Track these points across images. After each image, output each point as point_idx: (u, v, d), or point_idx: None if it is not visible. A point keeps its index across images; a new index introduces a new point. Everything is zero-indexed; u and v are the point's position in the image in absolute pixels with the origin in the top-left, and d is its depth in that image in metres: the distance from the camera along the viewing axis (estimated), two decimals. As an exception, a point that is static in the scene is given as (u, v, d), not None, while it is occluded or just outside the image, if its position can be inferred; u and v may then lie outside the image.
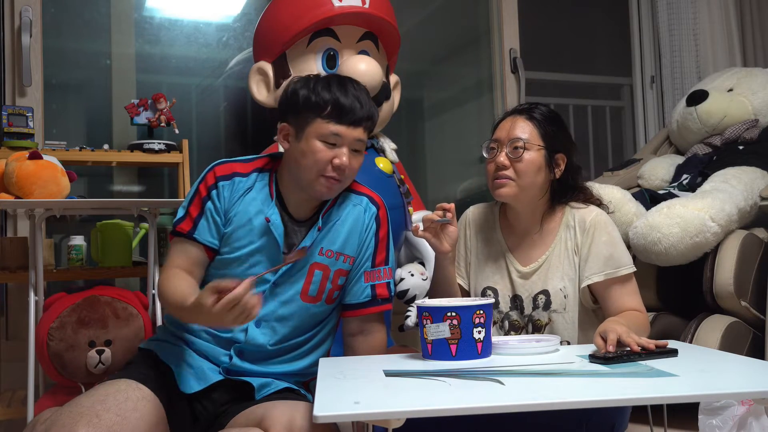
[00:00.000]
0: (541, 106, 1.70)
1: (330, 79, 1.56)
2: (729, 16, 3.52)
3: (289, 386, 1.55)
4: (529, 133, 1.64)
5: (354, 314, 1.63)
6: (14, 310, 2.51)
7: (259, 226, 1.56)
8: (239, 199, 1.57)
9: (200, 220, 1.56)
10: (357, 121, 1.52)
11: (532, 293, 1.67)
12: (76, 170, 2.18)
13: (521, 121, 1.66)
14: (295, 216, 1.59)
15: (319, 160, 1.51)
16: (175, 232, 1.57)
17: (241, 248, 1.55)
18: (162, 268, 1.60)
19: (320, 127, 1.51)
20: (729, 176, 2.41)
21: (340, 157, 1.51)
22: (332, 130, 1.50)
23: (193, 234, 1.56)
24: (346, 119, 1.51)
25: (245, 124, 3.09)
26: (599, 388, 1.16)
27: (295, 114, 1.55)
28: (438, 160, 3.52)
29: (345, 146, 1.52)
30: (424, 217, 1.62)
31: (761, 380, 1.20)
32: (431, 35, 3.56)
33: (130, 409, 1.35)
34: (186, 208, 1.58)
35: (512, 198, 1.65)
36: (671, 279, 2.33)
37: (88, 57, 2.85)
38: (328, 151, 1.51)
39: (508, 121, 1.68)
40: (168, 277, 1.52)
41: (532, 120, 1.66)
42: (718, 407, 1.67)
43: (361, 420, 1.06)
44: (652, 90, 3.82)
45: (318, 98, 1.51)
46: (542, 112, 1.68)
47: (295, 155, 1.54)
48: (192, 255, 1.56)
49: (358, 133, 1.53)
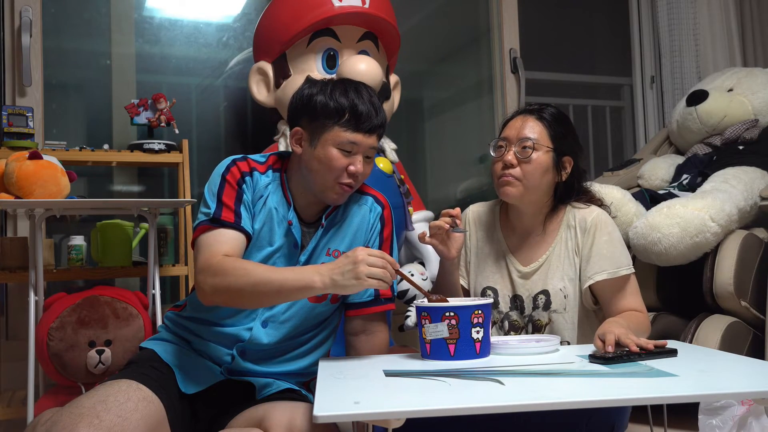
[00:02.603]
0: (551, 107, 1.70)
1: (346, 84, 1.55)
2: (729, 16, 3.52)
3: (291, 387, 1.55)
4: (538, 134, 1.63)
5: (357, 313, 1.63)
6: (14, 310, 2.51)
7: (279, 226, 1.56)
8: (260, 198, 1.56)
9: (241, 210, 1.52)
10: (373, 129, 1.52)
11: (532, 293, 1.67)
12: (76, 170, 2.18)
13: (531, 121, 1.65)
14: (302, 217, 1.59)
15: (335, 167, 1.50)
16: (219, 222, 1.49)
17: (263, 248, 1.55)
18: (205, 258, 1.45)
19: (338, 135, 1.50)
20: (729, 176, 2.41)
21: (356, 164, 1.51)
22: (350, 139, 1.50)
23: (240, 224, 1.51)
24: (363, 127, 1.50)
25: (245, 124, 3.09)
26: (599, 388, 1.16)
27: (311, 119, 1.53)
28: (438, 160, 3.52)
29: (360, 154, 1.52)
30: (432, 223, 1.61)
31: (761, 380, 1.20)
32: (431, 35, 3.56)
33: (130, 410, 1.35)
34: (219, 198, 1.51)
35: (517, 198, 1.65)
36: (671, 279, 2.33)
37: (88, 57, 2.86)
38: (343, 158, 1.51)
39: (518, 120, 1.67)
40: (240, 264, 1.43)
41: (542, 120, 1.65)
42: (718, 407, 1.67)
43: (361, 420, 1.06)
44: (652, 90, 3.82)
45: (336, 104, 1.50)
46: (552, 113, 1.67)
47: (309, 161, 1.53)
48: (238, 244, 1.49)
49: (373, 141, 1.54)
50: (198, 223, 1.52)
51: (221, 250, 1.46)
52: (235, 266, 1.42)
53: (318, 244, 1.58)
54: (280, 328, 1.56)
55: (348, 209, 1.63)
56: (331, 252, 1.59)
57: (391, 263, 1.38)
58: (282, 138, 2.45)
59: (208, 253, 1.46)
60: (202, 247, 1.48)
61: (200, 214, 1.53)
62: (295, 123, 1.57)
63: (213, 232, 1.48)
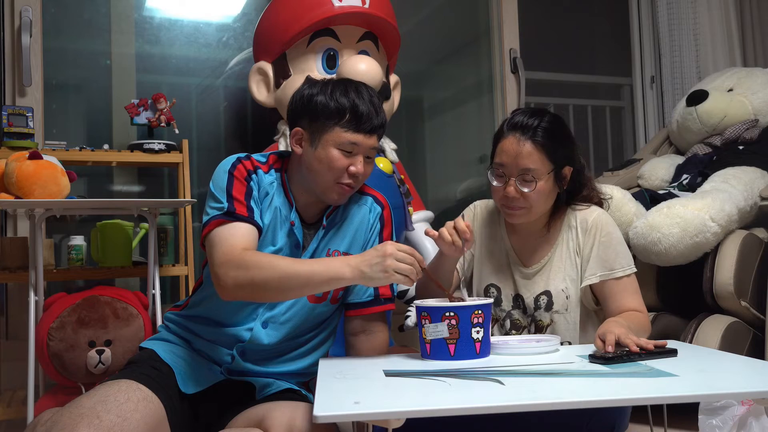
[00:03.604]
0: (542, 120, 1.60)
1: (346, 84, 1.54)
2: (729, 16, 3.52)
3: (291, 387, 1.55)
4: (537, 162, 1.57)
5: (356, 313, 1.63)
6: (14, 310, 2.52)
7: (282, 227, 1.56)
8: (266, 196, 1.56)
9: (251, 203, 1.51)
10: (373, 129, 1.52)
11: (534, 294, 1.67)
12: (76, 170, 2.18)
13: (527, 147, 1.57)
14: (303, 217, 1.59)
15: (335, 168, 1.50)
16: (233, 216, 1.47)
17: (265, 247, 1.54)
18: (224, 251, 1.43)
19: (338, 136, 1.49)
20: (729, 176, 2.41)
21: (356, 165, 1.51)
22: (350, 139, 1.50)
23: (254, 218, 1.50)
24: (363, 127, 1.50)
25: (245, 124, 3.09)
26: (599, 388, 1.16)
27: (312, 120, 1.52)
28: (438, 160, 3.52)
29: (361, 154, 1.52)
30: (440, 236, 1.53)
31: (761, 380, 1.20)
32: (431, 35, 3.56)
33: (131, 410, 1.35)
34: (229, 193, 1.49)
35: (524, 221, 1.65)
36: (671, 279, 2.33)
37: (88, 57, 2.86)
38: (344, 159, 1.50)
39: (512, 143, 1.59)
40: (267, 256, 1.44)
41: (536, 144, 1.57)
42: (718, 407, 1.67)
43: (361, 420, 1.06)
44: (652, 90, 3.82)
45: (337, 105, 1.49)
46: (545, 130, 1.58)
47: (310, 161, 1.53)
48: (253, 238, 1.48)
49: (373, 141, 1.53)
50: (211, 217, 1.48)
51: (239, 243, 1.44)
52: (258, 260, 1.41)
53: (319, 245, 1.58)
54: (280, 328, 1.56)
55: (348, 209, 1.63)
56: (331, 252, 1.59)
57: (419, 260, 1.39)
58: (282, 138, 2.45)
59: (227, 246, 1.44)
60: (219, 241, 1.45)
61: (210, 209, 1.50)
62: (295, 123, 1.57)
63: (228, 225, 1.46)
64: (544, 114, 1.62)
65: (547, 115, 1.62)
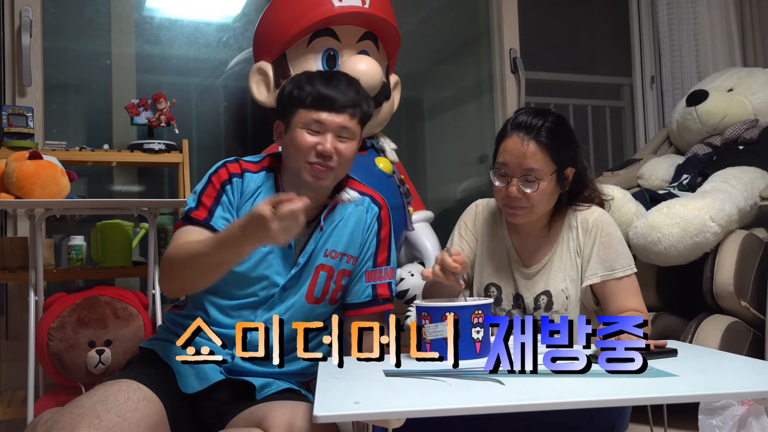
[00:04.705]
0: (546, 120, 1.58)
1: (319, 73, 1.61)
2: (729, 16, 3.52)
3: (291, 386, 1.55)
4: (540, 162, 1.56)
5: (355, 314, 1.63)
6: (14, 310, 2.52)
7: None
8: (249, 199, 1.57)
9: (216, 209, 1.55)
10: (339, 108, 1.54)
11: (534, 294, 1.67)
12: (76, 170, 2.18)
13: (531, 147, 1.56)
14: None
15: (303, 147, 1.53)
16: (189, 219, 1.53)
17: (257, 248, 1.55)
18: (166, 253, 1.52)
19: (302, 117, 1.54)
20: (729, 176, 2.41)
21: (324, 143, 1.53)
22: (313, 118, 1.53)
23: (210, 221, 1.53)
24: (326, 106, 1.53)
25: (245, 124, 3.09)
26: (599, 388, 1.16)
27: (284, 110, 1.58)
28: (438, 160, 3.52)
29: (329, 133, 1.54)
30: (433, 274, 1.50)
31: (761, 380, 1.20)
32: (431, 35, 3.56)
33: (130, 410, 1.35)
34: (198, 197, 1.56)
35: (526, 221, 1.64)
36: (671, 279, 2.33)
37: (88, 57, 2.86)
38: (311, 137, 1.53)
39: (516, 142, 1.57)
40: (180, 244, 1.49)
41: (540, 144, 1.56)
42: (718, 407, 1.67)
43: (361, 420, 1.06)
44: (652, 90, 3.82)
45: (300, 91, 1.55)
46: (549, 130, 1.57)
47: (286, 148, 1.58)
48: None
49: (342, 120, 1.54)
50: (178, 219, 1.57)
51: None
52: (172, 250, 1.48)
53: (316, 245, 1.58)
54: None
55: (345, 209, 1.63)
56: (329, 253, 1.59)
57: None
58: (282, 138, 2.45)
59: (172, 245, 1.52)
60: (170, 244, 1.54)
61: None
62: (276, 118, 1.62)
63: (182, 229, 1.54)
64: (548, 114, 1.61)
65: (551, 115, 1.61)
